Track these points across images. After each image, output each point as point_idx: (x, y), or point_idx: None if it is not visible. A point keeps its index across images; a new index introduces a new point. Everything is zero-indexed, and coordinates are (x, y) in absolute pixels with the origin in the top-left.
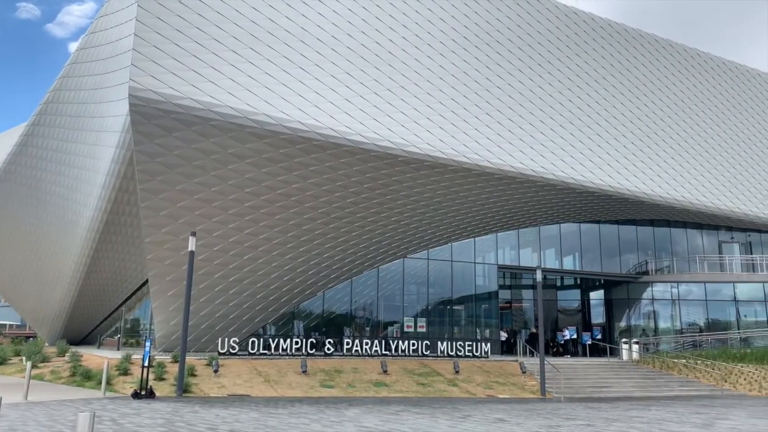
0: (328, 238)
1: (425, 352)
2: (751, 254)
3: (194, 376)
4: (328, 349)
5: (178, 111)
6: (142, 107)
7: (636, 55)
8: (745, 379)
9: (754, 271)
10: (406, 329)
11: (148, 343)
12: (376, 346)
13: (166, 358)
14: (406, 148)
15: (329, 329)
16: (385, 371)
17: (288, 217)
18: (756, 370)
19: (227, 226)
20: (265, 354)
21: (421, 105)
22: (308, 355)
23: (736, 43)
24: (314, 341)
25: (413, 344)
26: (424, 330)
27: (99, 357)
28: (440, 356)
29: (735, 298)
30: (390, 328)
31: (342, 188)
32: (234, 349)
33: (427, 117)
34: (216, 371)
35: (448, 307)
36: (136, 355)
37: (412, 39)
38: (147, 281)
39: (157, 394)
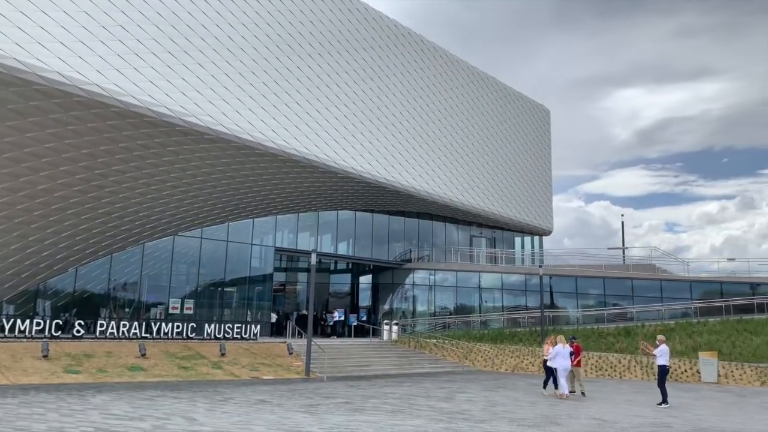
0: (86, 208)
1: (190, 335)
2: (494, 248)
3: None
4: (78, 331)
5: None
6: None
7: (417, 58)
8: (482, 357)
9: (495, 263)
10: (171, 311)
11: None
12: (135, 329)
13: None
14: (186, 118)
15: (82, 310)
16: (143, 355)
17: (36, 181)
18: (490, 348)
19: None
20: None
21: (205, 74)
22: (53, 337)
23: (511, 62)
24: (61, 322)
25: (178, 326)
26: (191, 312)
27: None
28: (207, 339)
29: (479, 285)
30: (153, 310)
31: (107, 153)
32: None
33: (211, 88)
34: None
35: (220, 288)
36: None
37: (199, 3)
38: None
39: None
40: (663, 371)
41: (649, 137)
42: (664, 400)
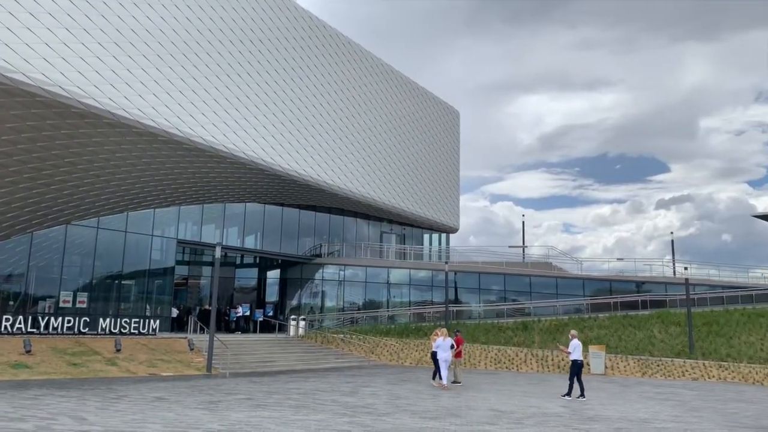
0: None
1: (83, 330)
2: (404, 244)
3: None
4: None
5: None
6: None
7: (331, 52)
8: (388, 351)
9: (404, 259)
10: (62, 304)
11: None
12: (20, 323)
13: None
14: (83, 100)
15: None
16: (28, 351)
17: None
18: (396, 342)
19: None
20: None
21: (106, 55)
22: None
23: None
24: None
25: (69, 321)
26: (84, 306)
27: None
28: (101, 334)
29: (388, 281)
30: (42, 303)
31: None
32: None
33: (112, 70)
34: None
35: (117, 281)
36: None
37: None
38: None
39: None
40: (576, 366)
41: (551, 142)
42: (582, 394)
